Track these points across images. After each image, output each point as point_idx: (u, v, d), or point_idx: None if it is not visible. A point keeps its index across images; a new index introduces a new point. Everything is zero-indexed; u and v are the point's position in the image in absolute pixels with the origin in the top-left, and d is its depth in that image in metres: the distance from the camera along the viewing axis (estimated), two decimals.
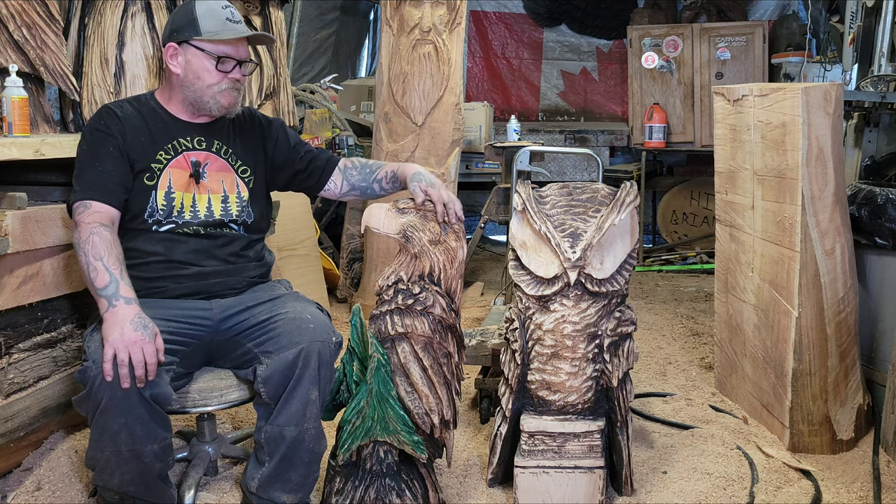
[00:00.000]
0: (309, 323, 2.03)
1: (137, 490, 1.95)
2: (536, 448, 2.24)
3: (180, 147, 2.18)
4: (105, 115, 2.14)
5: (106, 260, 1.92)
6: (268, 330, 2.06)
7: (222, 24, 2.13)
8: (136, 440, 1.87)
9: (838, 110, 2.62)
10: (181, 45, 2.13)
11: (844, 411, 2.67)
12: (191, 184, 2.17)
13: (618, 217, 2.23)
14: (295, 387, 1.97)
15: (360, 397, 2.04)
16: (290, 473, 2.03)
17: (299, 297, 2.21)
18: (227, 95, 2.17)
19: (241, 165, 2.26)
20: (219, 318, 2.12)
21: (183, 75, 2.15)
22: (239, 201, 2.23)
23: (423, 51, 4.01)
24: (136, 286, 2.06)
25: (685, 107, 5.95)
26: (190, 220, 2.16)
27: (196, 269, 2.15)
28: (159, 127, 2.18)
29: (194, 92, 2.16)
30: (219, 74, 2.14)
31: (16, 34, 2.41)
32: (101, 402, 1.83)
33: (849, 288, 2.67)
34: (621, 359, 2.24)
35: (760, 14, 6.88)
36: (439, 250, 2.08)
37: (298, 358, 1.97)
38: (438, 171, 4.05)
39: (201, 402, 2.09)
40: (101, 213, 2.02)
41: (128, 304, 1.88)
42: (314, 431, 2.01)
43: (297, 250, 3.99)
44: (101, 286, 1.90)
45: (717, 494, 2.37)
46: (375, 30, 7.74)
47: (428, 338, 2.07)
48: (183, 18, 2.13)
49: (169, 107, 2.21)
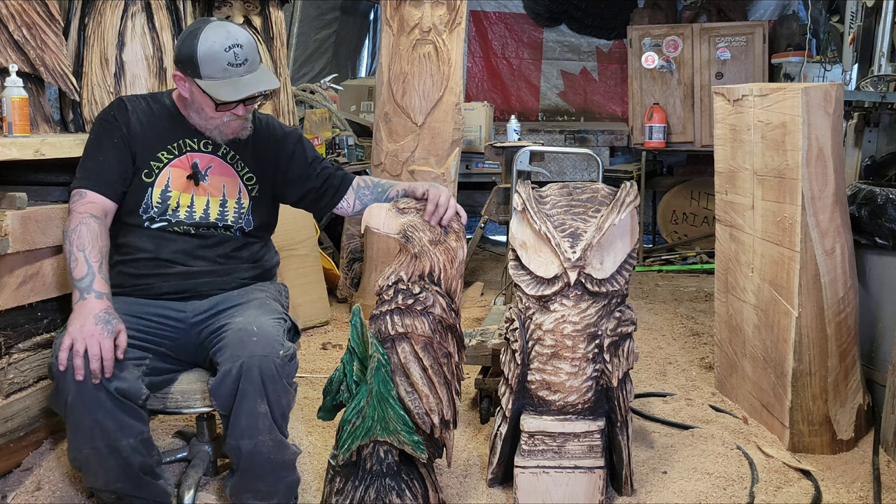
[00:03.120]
0: (252, 336, 1.96)
1: (125, 487, 1.95)
2: (536, 448, 2.24)
3: (185, 147, 2.18)
4: (116, 107, 2.16)
5: (88, 252, 1.94)
6: (219, 339, 2.03)
7: (222, 72, 2.03)
8: (109, 435, 1.87)
9: (838, 110, 2.62)
10: (186, 75, 2.09)
11: (844, 411, 2.67)
12: (190, 185, 2.17)
13: (618, 217, 2.23)
14: (241, 401, 1.93)
15: (361, 397, 2.04)
16: (256, 483, 2.02)
17: (264, 304, 2.13)
18: (230, 126, 2.15)
19: (247, 172, 2.25)
20: (191, 321, 2.12)
21: (190, 101, 2.14)
22: (238, 207, 2.22)
23: (423, 51, 4.01)
24: (124, 282, 2.10)
25: (685, 107, 5.95)
26: (184, 220, 2.16)
27: (183, 269, 2.15)
28: (168, 125, 2.18)
29: (199, 120, 2.16)
30: (220, 112, 2.12)
31: (16, 34, 2.41)
32: (68, 398, 1.85)
33: (849, 288, 2.67)
34: (621, 359, 2.24)
35: (760, 14, 6.87)
36: (440, 250, 2.08)
37: (240, 372, 1.92)
38: (438, 171, 4.05)
39: (183, 404, 2.09)
40: (95, 204, 2.04)
41: (98, 299, 1.90)
42: (271, 443, 1.97)
43: (297, 250, 3.99)
44: (78, 277, 1.93)
45: (717, 494, 2.37)
46: (375, 30, 7.74)
47: (428, 338, 2.07)
48: (186, 52, 2.05)
49: (181, 108, 2.21)
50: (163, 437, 2.66)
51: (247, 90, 2.06)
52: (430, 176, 4.03)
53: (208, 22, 2.07)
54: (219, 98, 2.06)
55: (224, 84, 2.05)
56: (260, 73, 2.09)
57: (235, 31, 2.07)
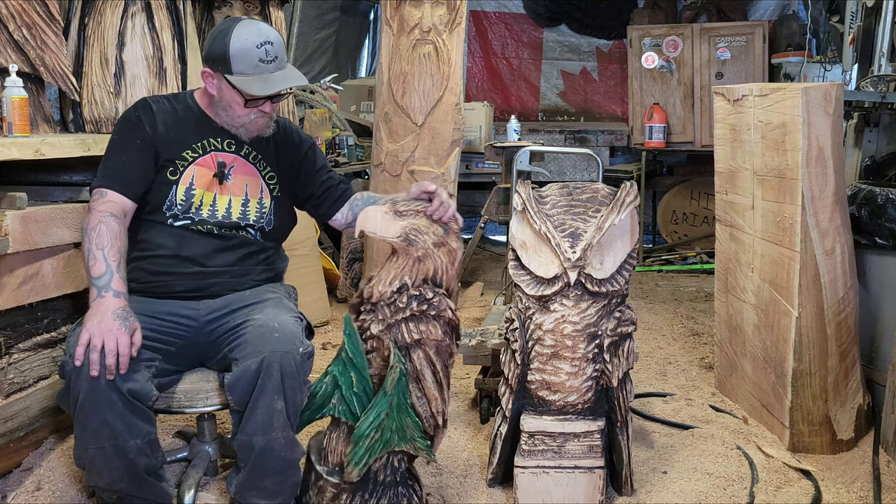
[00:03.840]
0: (274, 332, 1.98)
1: (128, 488, 1.95)
2: (536, 448, 2.24)
3: (209, 147, 2.20)
4: (140, 107, 2.18)
5: (107, 251, 1.95)
6: (238, 336, 2.04)
7: (254, 68, 2.07)
8: (117, 436, 1.88)
9: (838, 110, 2.62)
10: (216, 71, 2.11)
11: (844, 411, 2.67)
12: (214, 183, 2.19)
13: (618, 217, 2.23)
14: (259, 396, 1.94)
15: (380, 410, 1.98)
16: (263, 481, 2.02)
17: (280, 304, 2.16)
18: (256, 124, 2.18)
19: (269, 172, 2.27)
20: (203, 319, 2.13)
21: (217, 98, 2.16)
22: (260, 206, 2.24)
23: (423, 51, 4.01)
24: (140, 278, 2.11)
25: (685, 107, 5.95)
26: (207, 219, 2.17)
27: (199, 269, 2.16)
28: (192, 125, 2.20)
29: (226, 117, 2.18)
30: (248, 109, 2.14)
31: (16, 34, 2.41)
32: (80, 396, 1.85)
33: (849, 288, 2.67)
34: (621, 359, 2.24)
35: (760, 14, 6.88)
36: (442, 252, 2.06)
37: (261, 367, 1.93)
38: (438, 171, 4.05)
39: (187, 404, 2.09)
40: (115, 203, 2.05)
41: (115, 297, 1.91)
42: (283, 440, 1.97)
43: (297, 250, 3.98)
44: (97, 275, 1.93)
45: (717, 494, 2.37)
46: (375, 30, 7.74)
47: (440, 341, 2.05)
48: (218, 49, 2.08)
49: (206, 108, 2.23)
50: (163, 437, 2.66)
51: (277, 86, 2.10)
52: (430, 176, 4.03)
53: (240, 20, 2.11)
54: (250, 93, 2.09)
55: (255, 80, 2.08)
56: (288, 70, 2.15)
57: (266, 29, 2.11)
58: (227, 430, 2.74)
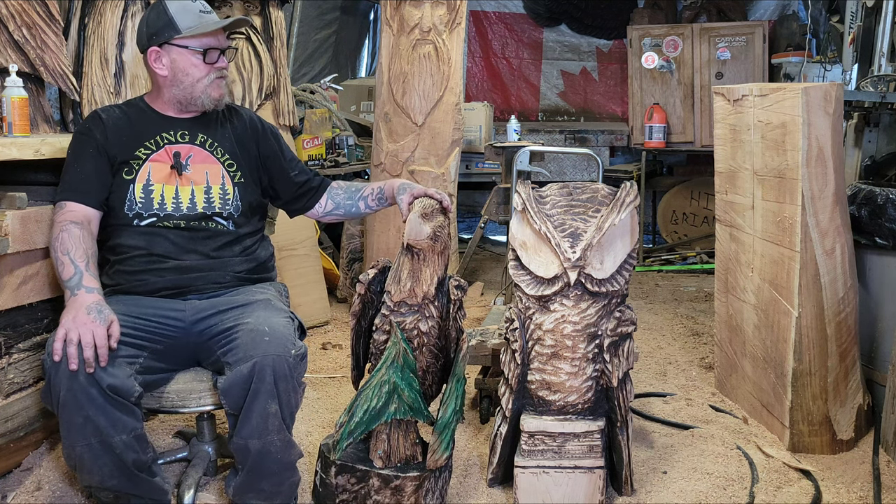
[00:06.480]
0: (265, 336, 1.98)
1: (120, 484, 1.96)
2: (536, 448, 2.24)
3: (162, 141, 2.22)
4: (89, 119, 2.23)
5: (73, 254, 2.00)
6: (230, 339, 2.04)
7: (198, 18, 2.18)
8: (102, 431, 1.88)
9: (838, 110, 2.62)
10: (163, 46, 2.17)
11: (844, 411, 2.67)
12: (172, 175, 2.21)
13: (618, 217, 2.23)
14: (253, 400, 1.95)
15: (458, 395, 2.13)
16: (261, 483, 2.02)
17: (269, 305, 2.15)
18: (216, 87, 2.22)
19: (227, 158, 2.29)
20: (191, 319, 2.13)
21: (171, 75, 2.20)
22: (223, 193, 2.25)
23: (423, 51, 4.01)
24: (119, 280, 2.15)
25: (685, 107, 5.95)
26: (172, 213, 2.19)
27: (175, 263, 2.17)
28: (143, 124, 2.23)
29: (184, 90, 2.21)
30: (206, 67, 2.19)
31: (16, 34, 2.41)
32: (60, 393, 1.86)
33: (849, 288, 2.67)
34: (621, 359, 2.24)
35: (760, 14, 6.87)
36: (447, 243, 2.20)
37: (253, 372, 1.93)
38: (438, 171, 4.05)
39: (179, 403, 2.09)
40: (75, 213, 2.10)
41: (88, 293, 1.94)
42: (279, 443, 1.98)
43: (296, 250, 3.99)
44: (67, 277, 1.97)
45: (717, 494, 2.37)
46: (375, 30, 7.73)
47: None
48: (158, 21, 2.17)
49: (156, 105, 2.27)
50: (163, 437, 2.66)
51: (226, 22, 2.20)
52: (430, 176, 4.03)
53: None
54: (203, 31, 2.16)
55: (204, 26, 2.17)
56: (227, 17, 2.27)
57: None
58: (226, 431, 2.74)
